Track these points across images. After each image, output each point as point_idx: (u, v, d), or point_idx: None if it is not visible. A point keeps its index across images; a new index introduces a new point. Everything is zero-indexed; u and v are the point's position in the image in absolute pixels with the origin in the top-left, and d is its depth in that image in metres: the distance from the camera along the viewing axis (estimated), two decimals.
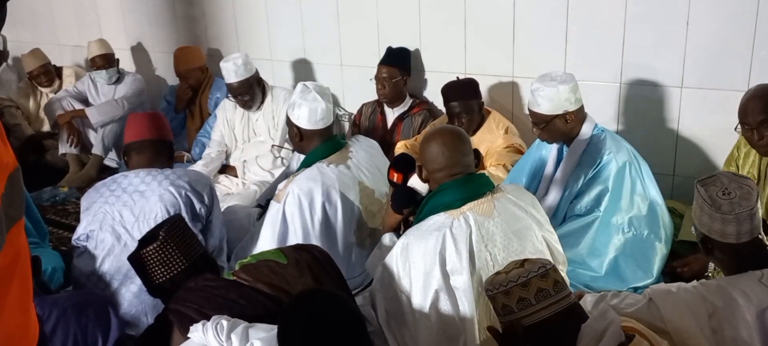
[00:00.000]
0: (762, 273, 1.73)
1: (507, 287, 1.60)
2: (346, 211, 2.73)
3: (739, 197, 1.77)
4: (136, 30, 5.17)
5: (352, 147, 2.89)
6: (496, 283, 1.63)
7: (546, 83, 2.82)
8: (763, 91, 2.53)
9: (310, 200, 2.67)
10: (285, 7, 4.35)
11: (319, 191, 2.67)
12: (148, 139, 2.72)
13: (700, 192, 1.84)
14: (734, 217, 1.77)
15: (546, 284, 1.58)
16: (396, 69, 3.81)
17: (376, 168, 2.88)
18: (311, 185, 2.68)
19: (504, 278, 1.62)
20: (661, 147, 3.34)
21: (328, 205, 2.69)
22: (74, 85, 4.89)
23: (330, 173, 2.73)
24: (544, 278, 1.58)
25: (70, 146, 4.58)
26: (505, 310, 1.62)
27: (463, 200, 2.06)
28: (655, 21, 3.21)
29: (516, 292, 1.58)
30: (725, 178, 1.83)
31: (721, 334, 1.68)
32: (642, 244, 2.75)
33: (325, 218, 2.69)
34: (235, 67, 3.80)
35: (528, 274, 1.59)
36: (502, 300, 1.61)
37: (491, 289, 1.64)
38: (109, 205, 2.59)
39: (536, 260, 1.65)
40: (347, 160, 2.81)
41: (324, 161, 2.77)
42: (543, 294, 1.57)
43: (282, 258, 1.99)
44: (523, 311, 1.58)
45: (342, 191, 2.71)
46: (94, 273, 2.57)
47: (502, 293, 1.61)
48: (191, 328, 1.76)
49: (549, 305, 1.57)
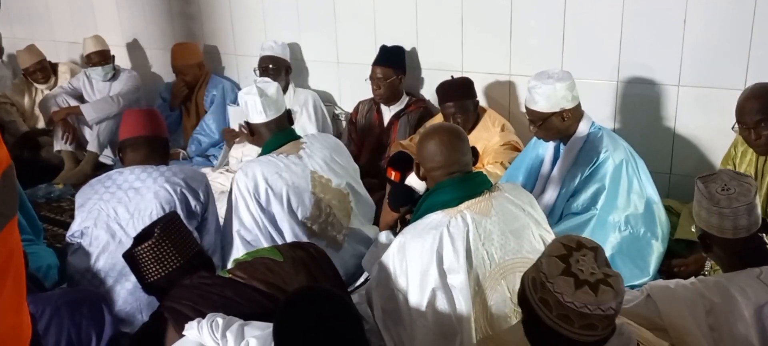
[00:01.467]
0: (761, 270, 1.73)
1: (564, 301, 1.43)
2: (295, 199, 2.74)
3: (737, 193, 1.77)
4: (131, 26, 5.15)
5: (305, 140, 2.92)
6: (560, 286, 1.44)
7: (543, 81, 2.81)
8: (760, 90, 2.53)
9: (255, 185, 2.70)
10: (281, 5, 4.34)
11: (263, 178, 2.70)
12: (144, 136, 2.71)
13: (699, 188, 1.84)
14: (731, 212, 1.77)
15: (600, 322, 1.43)
16: (390, 69, 3.80)
17: (333, 160, 2.89)
18: (255, 169, 2.72)
19: (571, 289, 1.43)
20: (657, 145, 3.34)
21: (272, 191, 2.71)
22: (69, 81, 4.87)
23: (277, 161, 2.76)
24: (605, 318, 1.43)
25: (65, 143, 4.56)
26: (544, 303, 1.47)
27: (461, 198, 2.05)
28: (653, 19, 3.20)
29: (569, 311, 1.43)
30: (726, 175, 1.84)
31: (719, 331, 1.68)
32: (638, 242, 2.75)
33: (267, 204, 2.72)
34: (274, 44, 4.15)
35: (595, 308, 1.41)
36: (547, 298, 1.46)
37: (551, 282, 1.45)
38: (104, 202, 2.57)
39: (615, 293, 1.44)
40: (299, 151, 2.83)
41: (275, 152, 2.81)
42: (589, 327, 1.43)
43: (278, 256, 1.98)
44: (559, 320, 1.45)
45: (292, 180, 2.73)
46: (88, 270, 2.55)
47: (557, 301, 1.44)
48: (186, 326, 1.75)
49: (585, 335, 1.44)
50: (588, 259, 1.48)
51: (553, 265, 1.47)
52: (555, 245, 1.52)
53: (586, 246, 1.51)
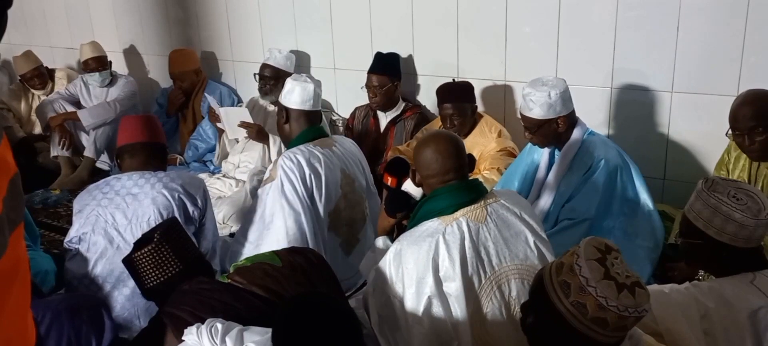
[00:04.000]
0: (754, 275, 1.75)
1: (608, 305, 1.43)
2: (326, 190, 2.79)
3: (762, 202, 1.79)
4: (128, 33, 5.16)
5: (336, 139, 3.01)
6: (604, 291, 1.44)
7: (537, 88, 2.83)
8: (753, 96, 2.56)
9: (301, 169, 2.74)
10: (278, 11, 4.36)
11: (306, 163, 2.75)
12: (141, 142, 2.72)
13: (717, 195, 1.83)
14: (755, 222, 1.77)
15: (632, 324, 1.48)
16: (386, 76, 3.81)
17: (358, 161, 2.99)
18: (299, 155, 2.77)
19: (614, 293, 1.43)
20: (651, 151, 3.37)
21: (314, 177, 2.75)
22: (66, 87, 4.88)
23: (316, 151, 2.81)
24: (636, 321, 1.47)
25: (61, 149, 4.56)
26: (578, 307, 1.46)
27: (457, 206, 2.06)
28: (646, 26, 3.23)
29: (609, 315, 1.44)
30: (729, 185, 1.85)
31: (714, 335, 1.69)
32: (633, 247, 2.77)
33: (312, 191, 2.76)
34: (280, 55, 4.15)
35: (634, 310, 1.44)
36: (586, 302, 1.45)
37: (593, 286, 1.45)
38: (102, 207, 2.58)
39: (647, 294, 1.47)
40: (332, 147, 2.90)
41: (309, 143, 2.85)
42: (621, 329, 1.47)
43: (276, 261, 1.99)
44: (593, 325, 1.46)
45: (327, 171, 2.79)
46: (86, 276, 2.56)
47: (599, 305, 1.44)
48: (185, 331, 1.76)
49: (616, 336, 1.47)
50: (620, 261, 1.50)
51: (595, 270, 1.46)
52: (589, 249, 1.51)
53: (613, 249, 1.53)
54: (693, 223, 1.88)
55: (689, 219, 1.89)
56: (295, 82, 2.95)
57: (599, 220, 2.80)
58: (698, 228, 1.86)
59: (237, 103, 4.62)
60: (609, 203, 2.81)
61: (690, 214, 1.90)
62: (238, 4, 4.52)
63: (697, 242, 1.85)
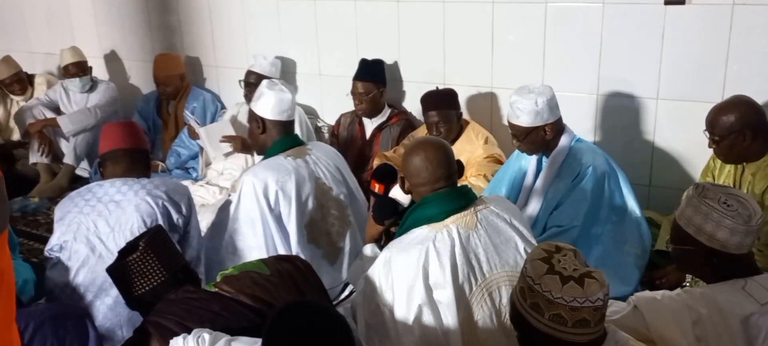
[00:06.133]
0: (745, 281, 1.75)
1: (552, 298, 1.47)
2: (300, 204, 2.75)
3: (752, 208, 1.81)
4: (109, 38, 5.10)
5: (311, 146, 2.96)
6: (546, 284, 1.49)
7: (524, 96, 2.84)
8: (724, 105, 2.65)
9: (265, 189, 2.70)
10: (262, 17, 4.33)
11: (274, 181, 2.71)
12: (124, 149, 2.67)
13: (711, 202, 1.84)
14: (745, 228, 1.79)
15: (591, 316, 1.47)
16: (371, 83, 3.80)
17: (336, 168, 2.95)
18: (266, 172, 2.73)
19: (558, 286, 1.47)
20: (637, 158, 3.38)
21: (282, 195, 2.71)
22: (46, 93, 4.81)
23: (287, 164, 2.78)
24: (595, 311, 1.47)
25: (41, 156, 4.49)
26: (534, 308, 1.51)
27: (446, 213, 2.04)
28: (631, 34, 3.25)
29: (561, 309, 1.47)
30: (720, 191, 1.86)
31: (706, 342, 1.69)
32: (620, 254, 2.78)
33: (278, 212, 2.73)
34: (265, 62, 4.12)
35: (584, 300, 1.46)
36: (538, 300, 1.50)
37: (538, 283, 1.50)
38: (84, 215, 2.53)
39: (600, 284, 1.49)
40: (306, 156, 2.87)
41: (282, 154, 2.82)
42: (582, 323, 1.47)
43: (264, 269, 1.96)
44: (552, 322, 1.48)
45: (299, 182, 2.75)
46: (67, 285, 2.50)
47: (547, 300, 1.48)
48: (172, 341, 1.72)
49: (580, 333, 1.47)
50: (569, 258, 1.54)
51: (538, 267, 1.53)
52: (536, 251, 1.60)
53: (565, 248, 1.58)
54: (684, 229, 1.88)
55: (680, 225, 1.89)
56: (271, 90, 2.86)
57: (587, 227, 2.80)
58: (689, 234, 1.86)
59: (220, 110, 4.57)
60: (597, 210, 2.81)
61: (681, 220, 1.90)
62: (222, 9, 4.48)
63: (688, 248, 1.85)
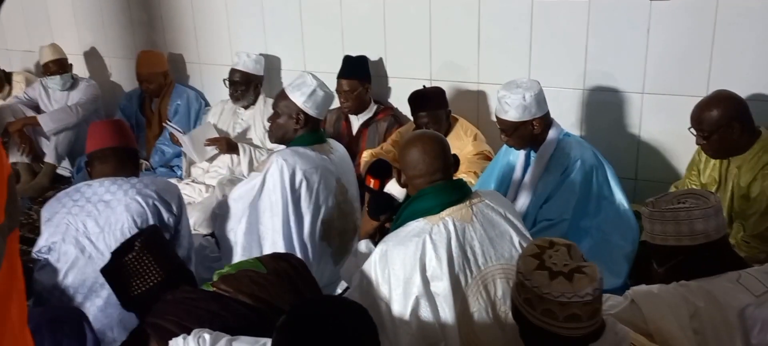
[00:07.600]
0: (739, 274, 1.78)
1: (542, 293, 1.49)
2: (320, 199, 2.74)
3: (692, 203, 1.87)
4: (89, 35, 5.02)
5: (332, 145, 2.93)
6: (536, 279, 1.51)
7: (512, 91, 2.85)
8: (707, 100, 2.69)
9: (292, 174, 2.67)
10: (246, 13, 4.29)
11: (301, 169, 2.68)
12: (112, 147, 2.63)
13: (648, 209, 1.93)
14: (687, 214, 1.85)
15: (582, 311, 1.47)
16: (356, 80, 3.79)
17: (349, 171, 2.93)
18: (297, 159, 2.69)
19: (546, 281, 1.49)
20: (623, 151, 3.42)
21: (306, 185, 2.69)
22: (25, 91, 4.73)
23: (315, 156, 2.75)
24: (586, 306, 1.47)
25: (21, 155, 4.42)
26: (527, 303, 1.53)
27: (443, 205, 2.06)
28: (617, 28, 3.28)
29: (550, 304, 1.48)
30: (669, 197, 1.94)
31: (703, 334, 1.71)
32: (610, 247, 2.80)
33: (299, 198, 2.70)
34: (249, 59, 4.08)
35: (572, 295, 1.46)
36: (530, 295, 1.51)
37: (528, 279, 1.52)
38: (73, 215, 2.49)
39: (590, 279, 1.49)
40: (330, 154, 2.84)
41: (309, 147, 2.78)
42: (573, 318, 1.47)
43: (261, 268, 1.94)
44: (544, 316, 1.50)
45: (322, 177, 2.73)
46: (56, 287, 2.46)
47: (537, 295, 1.50)
48: (171, 342, 1.70)
49: (572, 328, 1.48)
50: (561, 253, 1.56)
51: (529, 263, 1.55)
52: (529, 246, 1.62)
53: (558, 243, 1.59)
54: (664, 245, 1.92)
55: (659, 245, 1.93)
56: (320, 89, 2.79)
57: (576, 220, 2.82)
58: (672, 246, 1.90)
59: (204, 107, 4.53)
60: (585, 203, 2.84)
61: (656, 240, 1.94)
62: (205, 5, 4.43)
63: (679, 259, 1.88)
